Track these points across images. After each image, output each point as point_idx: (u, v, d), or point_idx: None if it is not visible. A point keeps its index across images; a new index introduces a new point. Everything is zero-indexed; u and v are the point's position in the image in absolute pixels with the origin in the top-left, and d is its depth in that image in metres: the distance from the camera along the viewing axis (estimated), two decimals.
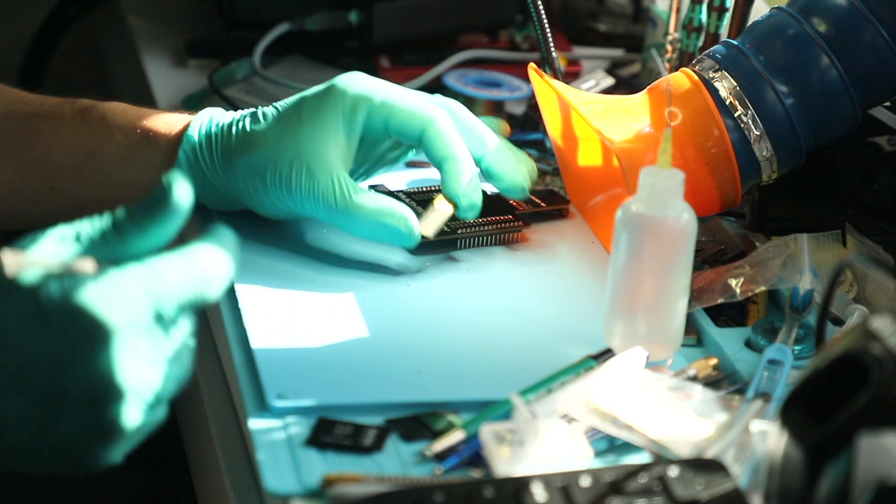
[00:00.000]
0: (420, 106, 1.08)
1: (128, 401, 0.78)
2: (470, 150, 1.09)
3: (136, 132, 1.09)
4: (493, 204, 1.16)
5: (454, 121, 1.10)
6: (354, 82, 1.08)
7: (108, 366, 0.77)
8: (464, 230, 1.12)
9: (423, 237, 1.08)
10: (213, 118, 1.09)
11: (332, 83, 1.08)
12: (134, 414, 0.78)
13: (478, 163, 1.11)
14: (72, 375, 0.76)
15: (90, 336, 0.76)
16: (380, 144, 1.11)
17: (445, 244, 1.11)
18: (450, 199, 1.08)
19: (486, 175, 1.12)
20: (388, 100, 1.08)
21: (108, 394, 0.77)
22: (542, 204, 1.17)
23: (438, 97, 1.11)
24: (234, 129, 1.08)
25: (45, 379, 0.76)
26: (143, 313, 0.78)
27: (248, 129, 1.07)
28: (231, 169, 1.07)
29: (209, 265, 0.81)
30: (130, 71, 1.54)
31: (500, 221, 1.14)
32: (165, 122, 1.09)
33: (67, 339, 0.76)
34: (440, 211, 1.09)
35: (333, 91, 1.08)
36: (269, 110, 1.09)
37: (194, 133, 1.08)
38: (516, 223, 1.14)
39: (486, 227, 1.13)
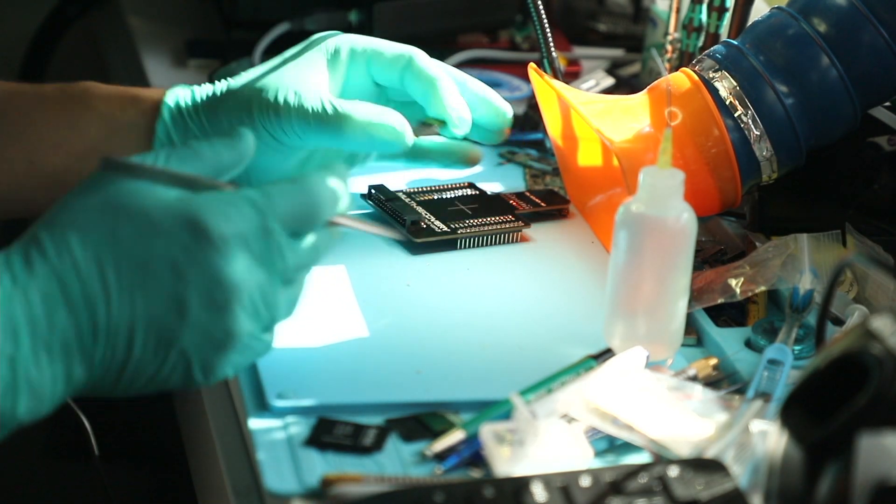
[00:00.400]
0: (400, 45, 1.11)
1: (242, 305, 0.85)
2: None
3: (119, 99, 1.10)
4: (493, 204, 1.16)
5: None
6: (333, 34, 1.11)
7: (221, 272, 0.84)
8: (464, 230, 1.12)
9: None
10: (194, 86, 1.11)
11: (310, 38, 1.11)
12: (246, 323, 0.85)
13: None
14: (187, 279, 0.84)
15: (203, 243, 0.84)
16: (363, 96, 1.11)
17: (445, 244, 1.11)
18: (438, 120, 1.09)
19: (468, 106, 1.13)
20: (368, 45, 1.10)
21: (221, 298, 0.84)
22: (542, 204, 1.17)
23: None
24: (217, 85, 1.10)
25: (164, 281, 0.83)
26: (253, 229, 0.85)
27: (230, 83, 1.09)
28: (215, 115, 1.08)
29: (320, 192, 0.87)
30: (130, 71, 1.54)
31: (500, 221, 1.14)
32: (147, 91, 1.11)
33: (182, 245, 0.84)
34: (431, 125, 1.10)
35: (314, 40, 1.11)
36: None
37: (178, 92, 1.10)
38: (516, 223, 1.14)
39: (486, 227, 1.13)
